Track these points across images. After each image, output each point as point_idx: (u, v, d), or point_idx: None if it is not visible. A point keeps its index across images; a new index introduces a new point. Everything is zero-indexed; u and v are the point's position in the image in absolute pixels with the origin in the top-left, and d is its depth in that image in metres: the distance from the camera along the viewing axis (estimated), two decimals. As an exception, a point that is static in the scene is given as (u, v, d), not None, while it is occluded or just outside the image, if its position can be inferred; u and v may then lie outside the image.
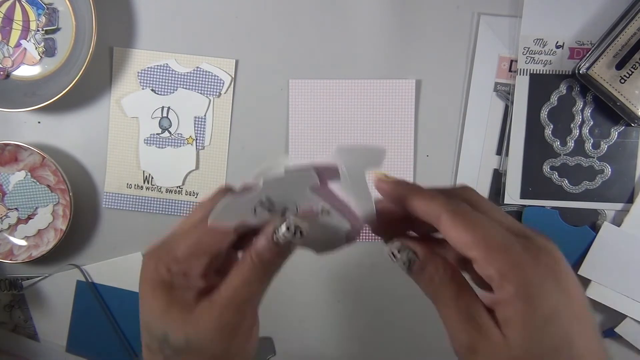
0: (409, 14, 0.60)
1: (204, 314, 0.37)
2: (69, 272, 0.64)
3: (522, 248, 0.34)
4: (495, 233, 0.34)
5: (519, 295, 0.33)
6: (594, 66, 0.56)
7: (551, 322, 0.33)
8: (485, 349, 0.34)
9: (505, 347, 0.34)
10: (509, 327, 0.33)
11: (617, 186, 0.60)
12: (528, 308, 0.33)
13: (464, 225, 0.35)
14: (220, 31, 0.61)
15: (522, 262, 0.33)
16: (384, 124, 0.61)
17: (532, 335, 0.33)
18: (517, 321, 0.33)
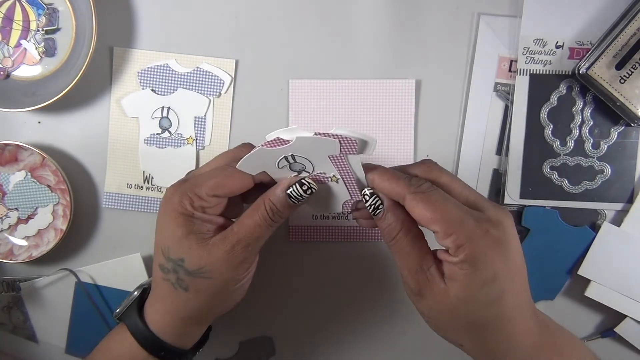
0: (409, 14, 0.60)
1: (217, 247, 0.45)
2: (68, 272, 0.64)
3: (474, 222, 0.40)
4: (451, 210, 0.41)
5: (467, 261, 0.40)
6: (594, 66, 0.56)
7: (489, 284, 0.40)
8: (429, 295, 0.42)
9: (446, 297, 0.41)
10: (453, 283, 0.41)
11: (617, 186, 0.60)
12: (472, 272, 0.40)
13: (424, 204, 0.41)
14: (220, 31, 0.61)
15: (473, 235, 0.40)
16: (384, 124, 0.61)
17: (471, 292, 0.40)
18: (461, 280, 0.40)
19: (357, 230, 0.62)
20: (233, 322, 0.63)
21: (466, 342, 0.44)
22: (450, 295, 0.41)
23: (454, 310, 0.41)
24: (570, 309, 0.62)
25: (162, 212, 0.46)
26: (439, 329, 0.45)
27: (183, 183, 0.47)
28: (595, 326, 0.63)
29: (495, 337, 0.42)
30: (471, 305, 0.41)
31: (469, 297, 0.40)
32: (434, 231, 0.41)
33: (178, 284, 0.46)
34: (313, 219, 0.62)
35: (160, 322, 0.49)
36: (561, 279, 0.61)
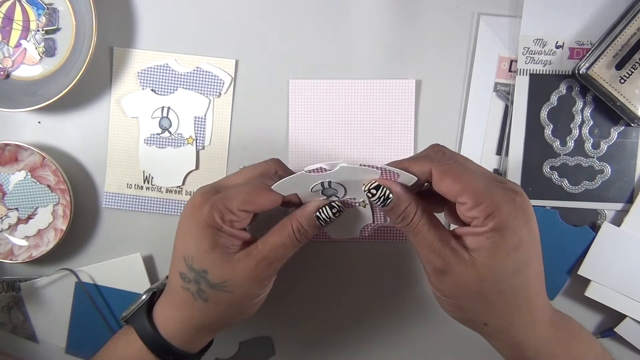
0: (409, 14, 0.60)
1: (242, 263, 0.45)
2: (68, 272, 0.64)
3: (502, 191, 0.41)
4: (478, 180, 0.41)
5: (496, 229, 0.40)
6: (594, 66, 0.56)
7: (516, 251, 0.40)
8: (455, 269, 0.42)
9: (472, 268, 0.41)
10: (480, 252, 0.41)
11: (617, 186, 0.60)
12: (500, 240, 0.40)
13: (452, 177, 0.42)
14: (220, 31, 0.61)
15: (501, 203, 0.40)
16: (384, 124, 0.61)
17: (499, 259, 0.40)
18: (488, 249, 0.40)
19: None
20: (233, 322, 0.63)
21: (491, 318, 0.43)
22: (478, 265, 0.41)
23: (481, 281, 0.41)
24: (570, 309, 0.62)
25: (189, 220, 0.46)
26: (462, 310, 0.44)
27: (214, 194, 0.46)
28: (595, 326, 0.63)
29: (520, 309, 0.42)
30: (499, 273, 0.41)
31: (497, 265, 0.41)
32: (462, 203, 0.41)
33: (198, 294, 0.47)
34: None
35: (171, 327, 0.49)
36: (561, 279, 0.61)
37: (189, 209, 0.47)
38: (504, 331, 0.44)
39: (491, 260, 0.41)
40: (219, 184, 0.49)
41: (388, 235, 0.62)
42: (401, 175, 0.44)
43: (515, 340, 0.44)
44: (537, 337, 0.43)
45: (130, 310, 0.51)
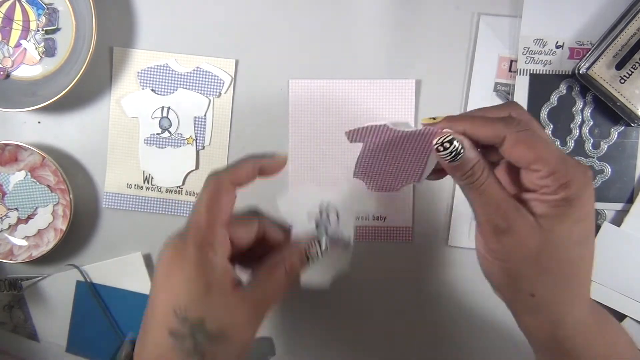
0: (409, 14, 0.60)
1: (239, 307, 0.40)
2: (69, 272, 0.64)
3: (575, 162, 0.40)
4: (552, 151, 0.40)
5: (566, 199, 0.40)
6: (594, 66, 0.56)
7: (582, 222, 0.40)
8: (519, 229, 0.40)
9: (537, 231, 0.40)
10: (547, 219, 0.40)
11: (617, 186, 0.60)
12: (569, 209, 0.40)
13: (526, 145, 0.40)
14: (220, 31, 0.61)
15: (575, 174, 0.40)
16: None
17: (565, 227, 0.40)
18: (555, 216, 0.40)
19: (359, 229, 0.62)
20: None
21: (541, 288, 0.42)
22: (543, 229, 0.40)
23: (543, 246, 0.40)
24: (570, 308, 0.62)
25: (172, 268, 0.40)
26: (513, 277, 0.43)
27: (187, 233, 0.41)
28: (595, 326, 0.63)
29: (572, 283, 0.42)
30: (563, 241, 0.40)
31: (562, 232, 0.40)
32: (535, 170, 0.40)
33: (195, 351, 0.39)
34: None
35: None
36: (561, 279, 0.61)
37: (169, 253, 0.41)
38: (549, 305, 0.43)
39: (557, 226, 0.40)
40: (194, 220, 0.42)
41: (388, 236, 0.62)
42: None
43: (556, 317, 0.43)
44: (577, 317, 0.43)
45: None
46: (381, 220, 0.62)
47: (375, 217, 0.62)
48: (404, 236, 0.62)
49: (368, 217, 0.62)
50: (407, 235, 0.62)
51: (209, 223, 0.40)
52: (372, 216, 0.62)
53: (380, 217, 0.62)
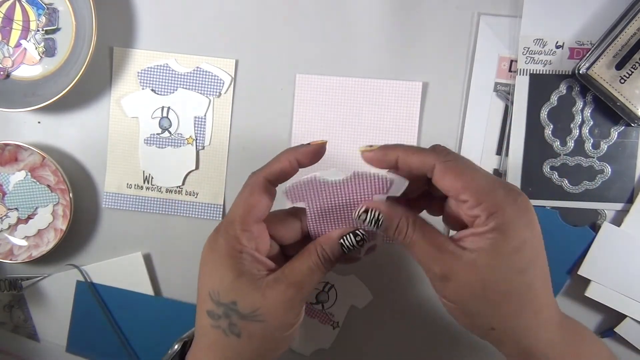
0: (408, 14, 0.60)
1: (271, 289, 0.43)
2: (69, 272, 0.64)
3: (504, 190, 0.40)
4: (481, 178, 0.41)
5: (497, 229, 0.39)
6: (594, 66, 0.56)
7: (518, 251, 0.40)
8: (457, 273, 0.40)
9: (474, 269, 0.40)
10: (481, 254, 0.40)
11: (617, 186, 0.60)
12: (502, 239, 0.39)
13: (454, 174, 0.41)
14: (220, 31, 0.61)
15: (504, 202, 0.40)
16: (389, 124, 0.61)
17: (501, 259, 0.40)
18: (489, 249, 0.40)
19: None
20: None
21: (497, 322, 0.42)
22: (479, 266, 0.40)
23: (484, 283, 0.40)
24: (570, 309, 0.62)
25: (207, 257, 0.45)
26: (469, 316, 0.43)
27: (220, 226, 0.45)
28: (595, 326, 0.63)
29: (526, 311, 0.41)
30: (502, 273, 0.40)
31: (499, 265, 0.40)
32: (463, 200, 0.41)
33: (230, 329, 0.43)
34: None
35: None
36: (561, 279, 0.61)
37: (206, 246, 0.45)
38: (512, 335, 0.42)
39: (493, 260, 0.40)
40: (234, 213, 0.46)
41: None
42: (395, 181, 0.43)
43: (523, 345, 0.42)
44: (545, 340, 0.42)
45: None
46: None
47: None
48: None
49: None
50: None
51: (241, 219, 0.43)
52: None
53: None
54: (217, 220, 0.63)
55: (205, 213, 0.63)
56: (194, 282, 0.64)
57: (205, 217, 0.63)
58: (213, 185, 0.63)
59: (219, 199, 0.63)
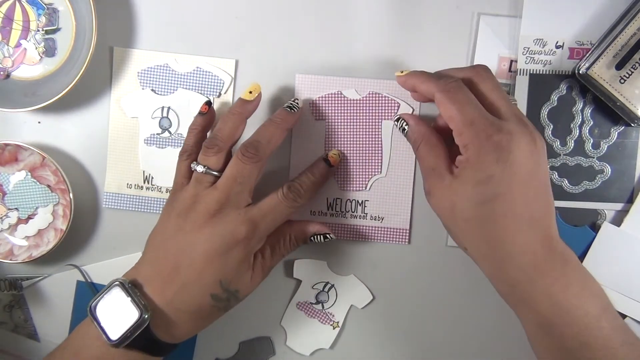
0: (408, 14, 0.60)
1: (258, 276, 0.54)
2: (69, 272, 0.64)
3: (483, 125, 0.44)
4: (467, 110, 0.45)
5: (467, 160, 0.45)
6: (594, 66, 0.56)
7: (481, 184, 0.44)
8: (435, 192, 0.49)
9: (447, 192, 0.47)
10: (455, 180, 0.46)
11: (617, 186, 0.60)
12: (470, 171, 0.45)
13: (448, 102, 0.46)
14: (220, 31, 0.61)
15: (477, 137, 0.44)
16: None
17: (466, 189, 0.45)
18: (460, 177, 0.46)
19: (357, 229, 0.62)
20: (233, 322, 0.64)
21: (467, 243, 0.48)
22: (452, 190, 0.46)
23: (453, 207, 0.46)
24: (570, 309, 0.62)
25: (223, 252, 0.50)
26: (447, 229, 0.51)
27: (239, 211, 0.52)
28: (595, 326, 0.63)
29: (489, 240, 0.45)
30: (465, 202, 0.45)
31: (465, 193, 0.45)
32: (452, 128, 0.46)
33: (225, 308, 0.52)
34: (311, 215, 0.62)
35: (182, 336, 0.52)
36: (561, 279, 0.61)
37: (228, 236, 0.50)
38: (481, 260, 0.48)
39: (460, 187, 0.45)
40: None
41: (388, 236, 0.62)
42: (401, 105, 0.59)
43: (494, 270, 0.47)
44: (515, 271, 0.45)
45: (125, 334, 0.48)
46: (379, 220, 0.62)
47: (373, 217, 0.62)
48: (400, 238, 0.62)
49: (366, 216, 0.62)
50: (404, 238, 0.62)
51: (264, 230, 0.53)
52: (370, 216, 0.62)
53: (377, 217, 0.62)
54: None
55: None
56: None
57: (205, 217, 0.63)
58: (213, 185, 0.62)
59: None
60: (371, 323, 0.64)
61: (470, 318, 0.63)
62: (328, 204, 0.62)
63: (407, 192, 0.61)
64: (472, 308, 0.63)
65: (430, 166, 0.49)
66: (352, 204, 0.62)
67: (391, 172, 0.61)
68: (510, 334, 0.62)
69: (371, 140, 0.61)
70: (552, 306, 0.45)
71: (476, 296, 0.62)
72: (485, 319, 0.63)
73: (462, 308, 0.63)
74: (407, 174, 0.61)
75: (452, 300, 0.63)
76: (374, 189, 0.61)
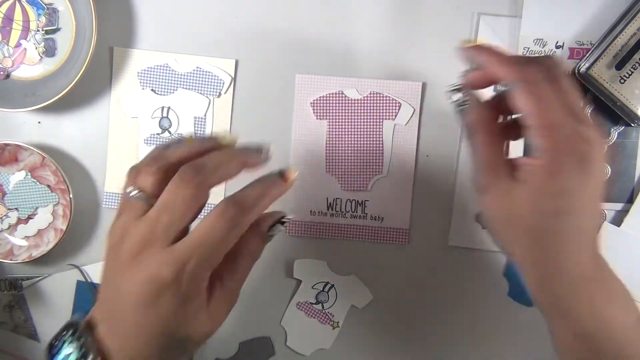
0: (408, 14, 0.60)
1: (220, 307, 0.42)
2: (69, 272, 0.64)
3: (570, 132, 0.38)
4: (554, 112, 0.39)
5: (544, 167, 0.38)
6: (594, 66, 0.56)
7: (557, 196, 0.38)
8: (494, 191, 0.42)
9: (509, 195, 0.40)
10: (522, 184, 0.40)
11: (617, 186, 0.60)
12: (547, 179, 0.38)
13: (531, 97, 0.39)
14: (220, 31, 0.61)
15: (563, 145, 0.38)
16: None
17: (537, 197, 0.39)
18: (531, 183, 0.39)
19: (357, 229, 0.62)
20: (233, 322, 0.63)
21: (517, 249, 0.42)
22: (515, 194, 0.40)
23: (513, 211, 0.41)
24: (570, 309, 0.62)
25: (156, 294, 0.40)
26: (495, 230, 0.44)
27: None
28: (595, 326, 0.63)
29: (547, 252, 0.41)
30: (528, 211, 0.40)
31: (533, 201, 0.39)
32: (528, 124, 0.39)
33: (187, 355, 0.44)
34: (311, 215, 0.62)
35: None
36: (561, 279, 0.61)
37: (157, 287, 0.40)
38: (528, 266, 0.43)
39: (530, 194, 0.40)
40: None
41: (388, 236, 0.62)
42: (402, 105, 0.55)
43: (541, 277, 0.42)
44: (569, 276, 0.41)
45: None
46: (379, 220, 0.62)
47: (373, 217, 0.62)
48: (400, 238, 0.62)
49: (366, 216, 0.62)
50: (404, 238, 0.62)
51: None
52: (370, 216, 0.62)
53: (377, 217, 0.62)
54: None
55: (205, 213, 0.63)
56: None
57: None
58: (213, 185, 0.62)
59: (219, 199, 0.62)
60: (371, 323, 0.64)
61: (469, 318, 0.63)
62: (328, 204, 0.62)
63: (407, 192, 0.61)
64: (472, 308, 0.63)
65: (489, 159, 0.43)
66: (352, 204, 0.62)
67: (392, 172, 0.61)
68: (510, 333, 0.62)
69: (372, 140, 0.61)
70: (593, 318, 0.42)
71: (476, 296, 0.62)
72: (485, 319, 0.63)
73: (462, 308, 0.63)
74: (407, 174, 0.61)
75: (452, 300, 0.63)
76: (374, 189, 0.61)
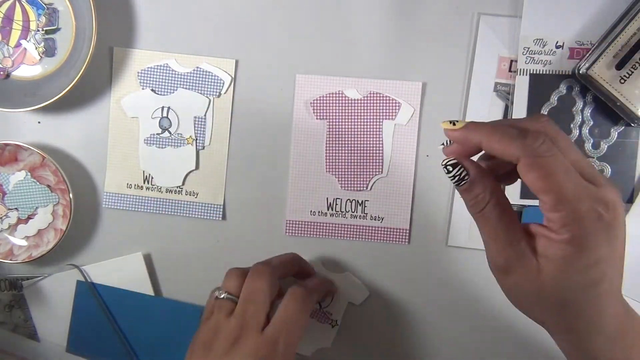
0: (408, 14, 0.60)
1: None
2: (69, 272, 0.64)
3: (590, 202, 0.36)
4: (568, 185, 0.36)
5: (572, 242, 0.36)
6: (594, 66, 0.56)
7: (589, 269, 0.37)
8: (518, 272, 0.38)
9: (536, 274, 0.38)
10: (548, 261, 0.37)
11: (617, 186, 0.59)
12: (574, 254, 0.36)
13: (540, 173, 0.36)
14: (220, 31, 0.61)
15: (585, 217, 0.36)
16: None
17: (568, 274, 0.37)
18: (558, 260, 0.37)
19: (357, 229, 0.62)
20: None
21: (549, 320, 0.41)
22: (543, 273, 0.38)
23: (543, 289, 0.38)
24: (570, 309, 0.62)
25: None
26: (522, 307, 0.41)
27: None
28: (595, 326, 0.63)
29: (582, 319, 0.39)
30: (564, 287, 0.38)
31: (563, 278, 0.37)
32: (543, 201, 0.37)
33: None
34: (311, 214, 0.62)
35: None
36: (561, 279, 0.61)
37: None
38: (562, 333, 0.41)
39: (558, 272, 0.37)
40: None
41: (388, 236, 0.62)
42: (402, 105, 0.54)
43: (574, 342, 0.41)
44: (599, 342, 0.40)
45: None
46: (379, 220, 0.62)
47: (373, 217, 0.62)
48: (400, 238, 0.62)
49: (366, 216, 0.62)
50: (404, 238, 0.62)
51: None
52: (370, 216, 0.62)
53: (377, 217, 0.62)
54: (217, 220, 0.63)
55: (205, 213, 0.63)
56: (194, 282, 0.64)
57: (205, 217, 0.63)
58: (213, 185, 0.63)
59: (219, 199, 0.63)
60: (371, 323, 0.64)
61: (469, 317, 0.63)
62: (328, 204, 0.62)
63: (407, 192, 0.61)
64: (472, 308, 0.63)
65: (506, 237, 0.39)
66: (352, 204, 0.62)
67: (392, 172, 0.61)
68: (509, 333, 0.62)
69: (372, 140, 0.61)
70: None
71: (475, 296, 0.62)
72: (485, 319, 0.63)
73: (461, 307, 0.63)
74: (407, 174, 0.61)
75: (452, 300, 0.63)
76: (374, 189, 0.61)
